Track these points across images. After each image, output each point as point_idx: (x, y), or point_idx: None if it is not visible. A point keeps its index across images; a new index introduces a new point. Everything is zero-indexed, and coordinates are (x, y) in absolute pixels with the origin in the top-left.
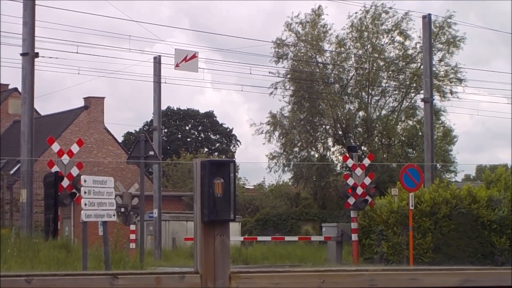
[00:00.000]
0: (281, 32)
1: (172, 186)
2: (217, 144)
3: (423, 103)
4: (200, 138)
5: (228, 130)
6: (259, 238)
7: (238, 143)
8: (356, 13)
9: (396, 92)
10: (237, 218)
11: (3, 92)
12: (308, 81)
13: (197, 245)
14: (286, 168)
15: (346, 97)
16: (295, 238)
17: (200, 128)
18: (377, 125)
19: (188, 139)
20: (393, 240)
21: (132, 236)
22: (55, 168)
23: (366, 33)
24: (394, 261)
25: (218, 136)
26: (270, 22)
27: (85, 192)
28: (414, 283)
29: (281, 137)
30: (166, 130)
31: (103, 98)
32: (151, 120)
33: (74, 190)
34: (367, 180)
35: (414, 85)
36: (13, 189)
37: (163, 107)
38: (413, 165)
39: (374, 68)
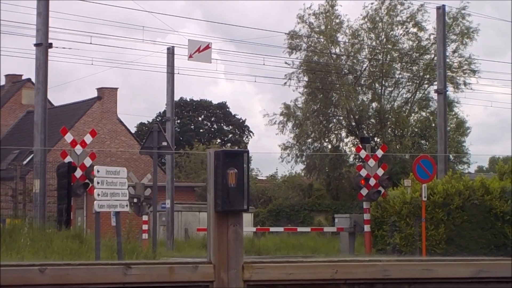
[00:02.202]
0: (294, 24)
1: (185, 176)
2: (230, 135)
3: (436, 94)
4: (213, 129)
5: (241, 121)
6: (272, 229)
7: (251, 134)
8: (372, 4)
9: (410, 83)
10: (249, 208)
11: (16, 83)
12: (322, 72)
13: (211, 235)
14: (298, 159)
15: (360, 88)
16: (308, 229)
17: (213, 119)
18: (390, 116)
19: (201, 130)
20: (406, 231)
21: (145, 227)
22: (68, 159)
23: (380, 24)
24: (406, 252)
25: (231, 127)
26: (284, 13)
27: (98, 183)
28: (428, 273)
29: (294, 128)
30: (179, 121)
31: (116, 88)
32: (164, 111)
33: (87, 181)
34: (380, 171)
35: (428, 76)
36: (26, 179)
37: (176, 98)
38: (426, 156)
39: (388, 59)
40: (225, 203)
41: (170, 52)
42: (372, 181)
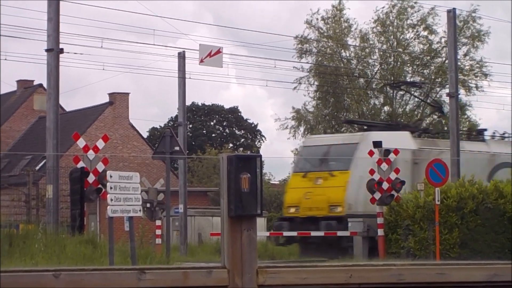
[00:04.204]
0: (303, 29)
1: (198, 181)
2: (242, 140)
3: (448, 97)
4: (225, 134)
5: (252, 125)
6: (285, 233)
7: (263, 138)
8: (383, 7)
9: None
10: (263, 213)
11: (28, 88)
12: (333, 75)
13: (224, 240)
14: None
15: (371, 92)
16: (321, 233)
17: (224, 124)
18: (402, 120)
19: (213, 135)
20: (420, 235)
21: (158, 232)
22: (80, 164)
23: (391, 28)
24: (420, 256)
25: (243, 132)
26: (295, 17)
27: (111, 188)
28: (442, 277)
29: (306, 132)
30: (191, 126)
31: (128, 93)
32: (176, 116)
33: (100, 186)
34: (393, 175)
35: (439, 79)
36: (39, 184)
37: (188, 102)
38: (439, 160)
39: (399, 62)
40: (238, 208)
41: (181, 56)
42: (385, 185)
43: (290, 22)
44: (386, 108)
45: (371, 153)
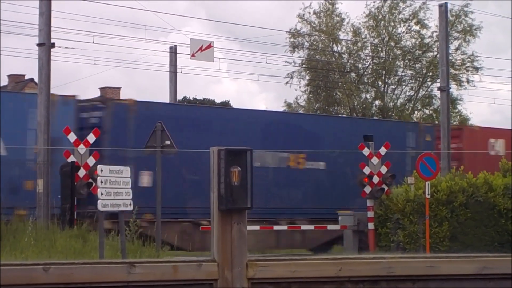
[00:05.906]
0: (295, 24)
1: None
2: None
3: (439, 92)
4: None
5: None
6: (275, 227)
7: None
8: (374, 2)
9: (413, 81)
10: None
11: (19, 83)
12: (324, 70)
13: (214, 234)
14: None
15: (362, 86)
16: (312, 227)
17: None
18: (393, 114)
19: None
20: (410, 228)
21: None
22: (71, 158)
23: (383, 22)
24: (410, 250)
25: None
26: (287, 12)
27: (101, 182)
28: (432, 270)
29: None
30: None
31: (119, 88)
32: None
33: (90, 180)
34: (384, 169)
35: (431, 74)
36: None
37: (179, 96)
38: (430, 154)
39: (391, 57)
40: (228, 201)
41: (173, 51)
42: (376, 179)
43: (282, 17)
44: (377, 102)
45: (361, 147)
